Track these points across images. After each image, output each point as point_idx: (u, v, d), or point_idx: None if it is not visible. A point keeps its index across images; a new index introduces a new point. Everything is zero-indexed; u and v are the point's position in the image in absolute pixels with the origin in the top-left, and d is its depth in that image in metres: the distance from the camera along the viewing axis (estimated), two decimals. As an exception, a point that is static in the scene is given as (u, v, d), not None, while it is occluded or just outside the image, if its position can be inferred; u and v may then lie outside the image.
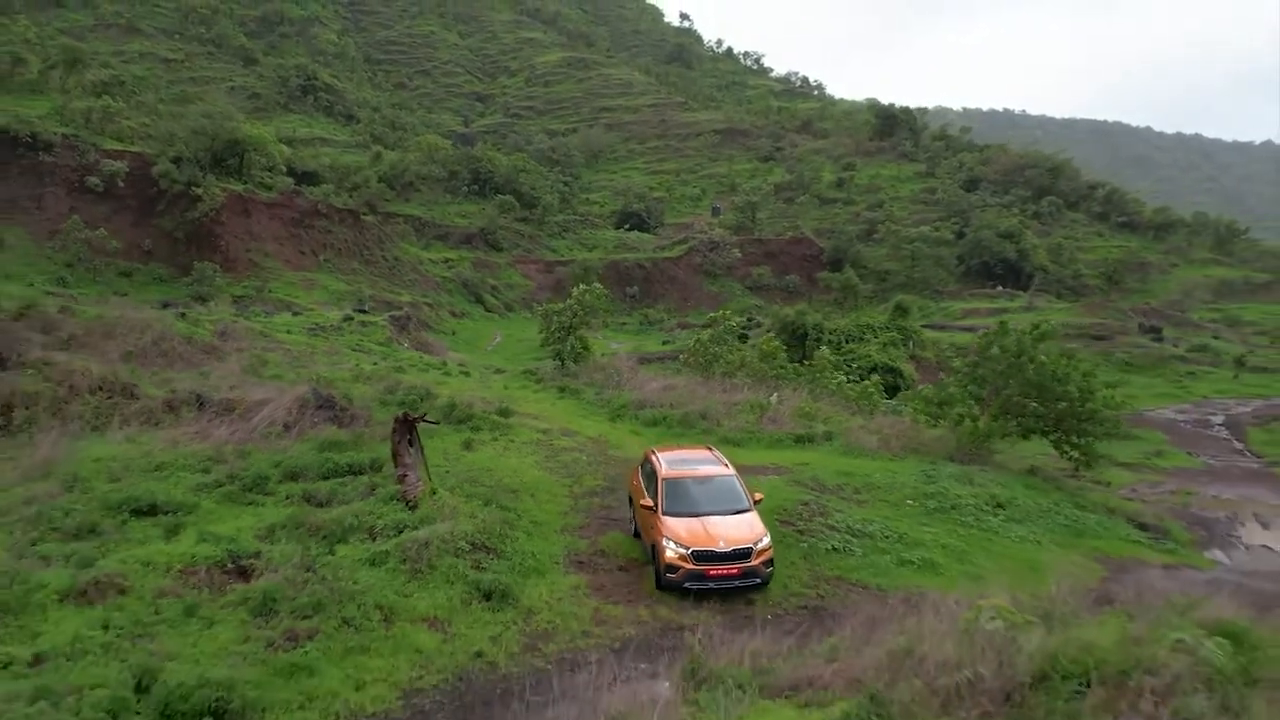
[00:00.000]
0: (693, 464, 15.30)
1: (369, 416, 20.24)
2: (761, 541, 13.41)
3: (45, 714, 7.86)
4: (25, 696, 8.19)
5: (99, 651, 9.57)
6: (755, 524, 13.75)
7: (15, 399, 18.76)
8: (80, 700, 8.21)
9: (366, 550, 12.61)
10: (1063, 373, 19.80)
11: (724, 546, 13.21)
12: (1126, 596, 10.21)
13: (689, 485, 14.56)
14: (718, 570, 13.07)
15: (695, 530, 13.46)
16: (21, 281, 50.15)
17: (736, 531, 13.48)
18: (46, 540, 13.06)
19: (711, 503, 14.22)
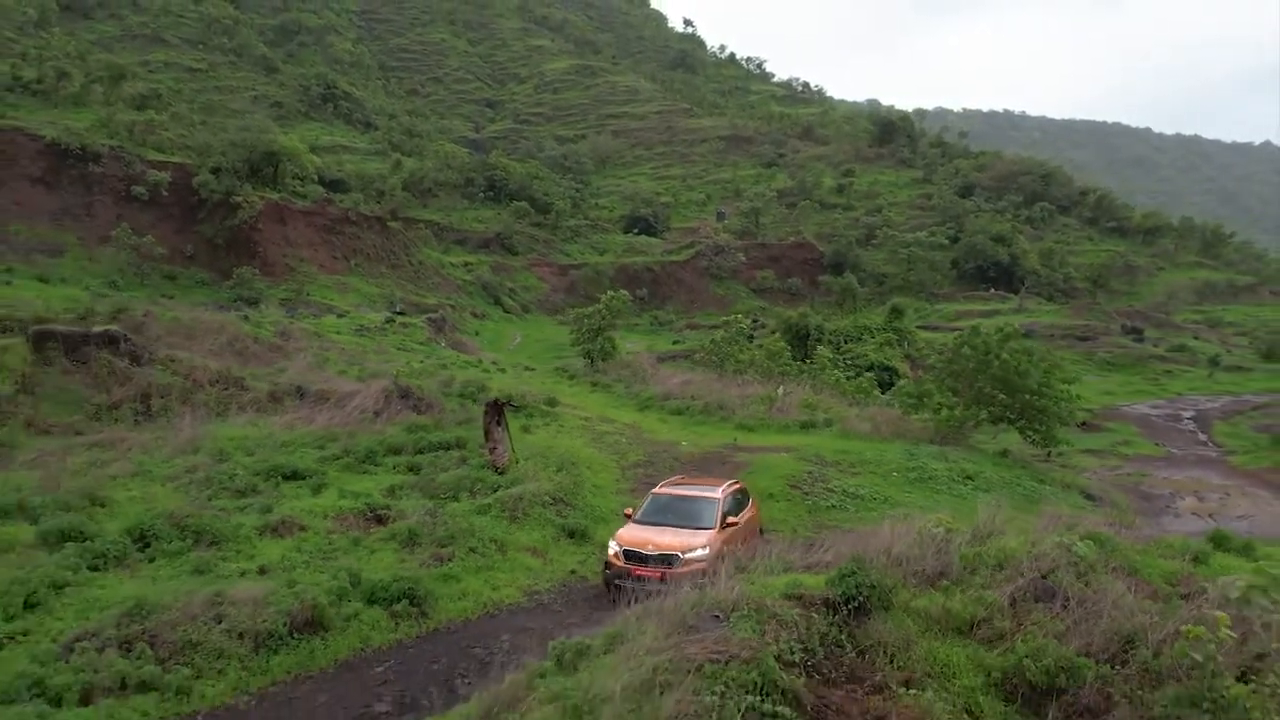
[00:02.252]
0: (688, 488, 15.95)
1: (441, 405, 24.03)
2: (693, 553, 13.77)
3: (301, 594, 11.64)
4: (278, 588, 11.97)
5: (304, 565, 13.35)
6: (700, 539, 14.11)
7: (152, 390, 22.55)
8: (315, 590, 11.98)
9: (473, 504, 16.40)
10: (1024, 369, 23.59)
11: (651, 551, 13.83)
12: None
13: (667, 500, 15.30)
14: (642, 571, 13.60)
15: (641, 536, 14.19)
16: (78, 285, 53.94)
17: (673, 541, 14.00)
18: (219, 497, 16.87)
19: (679, 518, 14.78)
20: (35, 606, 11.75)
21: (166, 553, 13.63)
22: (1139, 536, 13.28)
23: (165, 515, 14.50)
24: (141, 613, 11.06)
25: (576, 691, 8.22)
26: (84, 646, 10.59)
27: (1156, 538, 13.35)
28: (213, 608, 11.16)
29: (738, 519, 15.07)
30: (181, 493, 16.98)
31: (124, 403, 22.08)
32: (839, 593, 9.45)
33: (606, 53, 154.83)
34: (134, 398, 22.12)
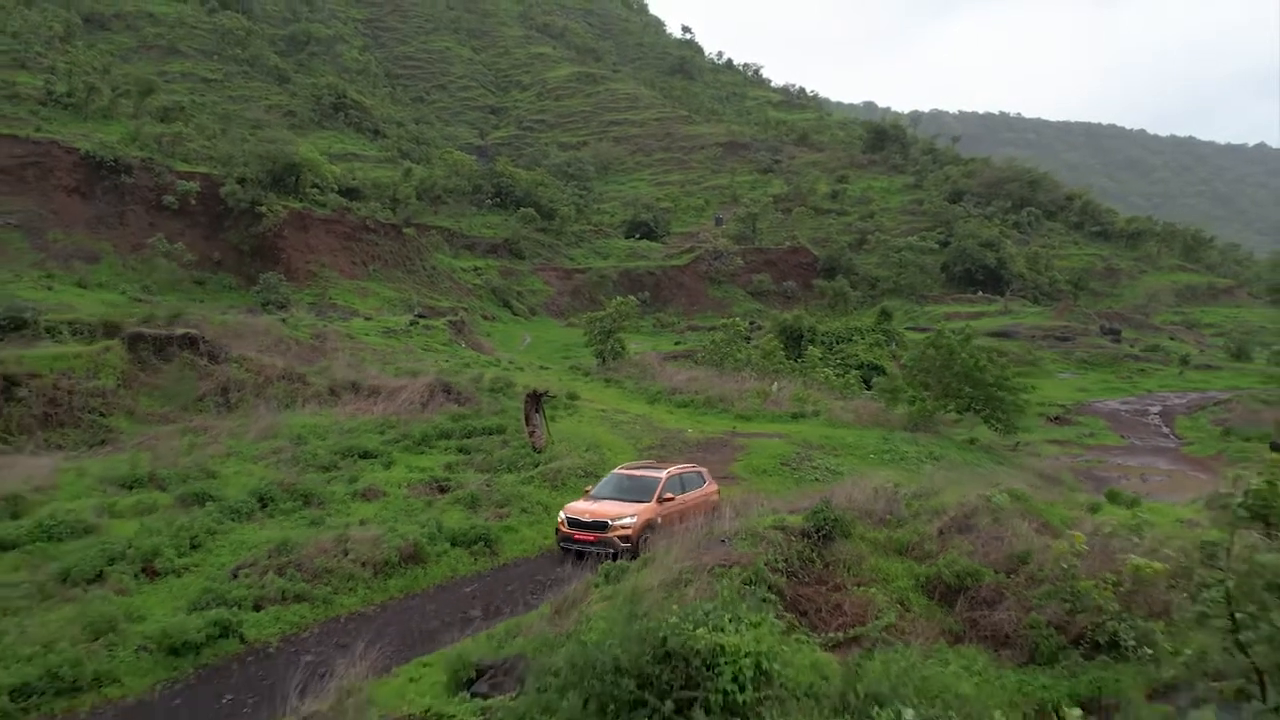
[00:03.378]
0: (643, 469, 18.28)
1: (477, 398, 27.54)
2: (622, 521, 15.94)
3: (404, 536, 15.13)
4: (385, 533, 15.47)
5: (394, 519, 16.86)
6: (632, 510, 16.22)
7: (230, 384, 26.04)
8: (413, 533, 15.48)
9: (520, 476, 19.93)
10: (982, 365, 27.15)
11: (587, 518, 16.11)
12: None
13: (620, 479, 17.64)
14: (580, 535, 15.97)
15: (584, 507, 16.49)
16: (114, 290, 57.42)
17: (608, 510, 16.22)
18: (308, 471, 20.35)
19: (625, 493, 16.99)
20: (198, 547, 15.28)
21: (284, 510, 17.16)
22: (1053, 495, 16.82)
23: (277, 482, 18.02)
24: (286, 548, 14.59)
25: (624, 590, 11.71)
26: (246, 572, 14.13)
27: (1067, 496, 16.89)
28: (339, 545, 14.69)
29: (676, 496, 17.18)
30: (274, 468, 20.45)
31: (206, 395, 25.55)
32: (811, 524, 12.99)
33: (607, 60, 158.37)
34: (215, 391, 25.60)
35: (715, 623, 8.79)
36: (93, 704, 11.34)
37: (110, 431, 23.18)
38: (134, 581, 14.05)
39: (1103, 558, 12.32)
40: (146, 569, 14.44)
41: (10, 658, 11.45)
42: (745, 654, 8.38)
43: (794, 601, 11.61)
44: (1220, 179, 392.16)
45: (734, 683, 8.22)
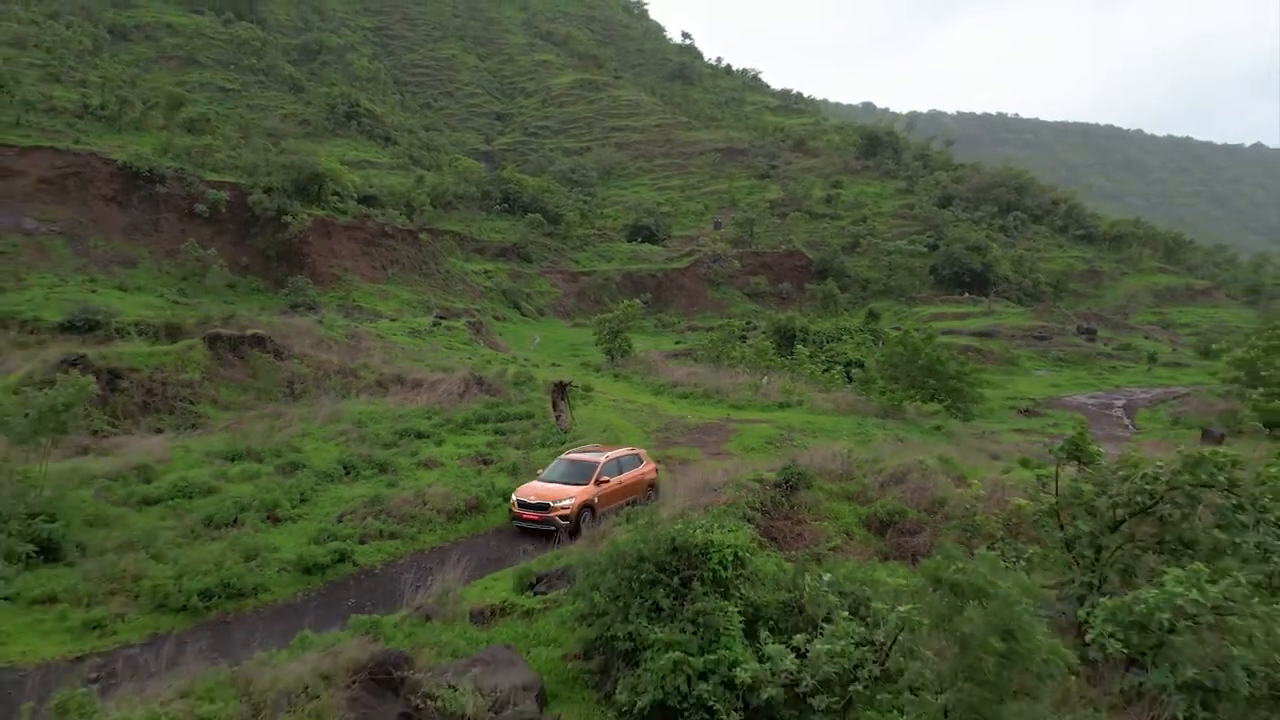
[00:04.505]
0: (584, 453, 20.56)
1: (505, 390, 31.78)
2: (561, 502, 18.33)
3: (468, 491, 19.35)
4: (452, 490, 19.70)
5: (453, 482, 21.07)
6: (571, 492, 18.62)
7: (294, 378, 30.26)
8: (475, 490, 19.70)
9: (549, 452, 24.14)
10: (943, 360, 31.41)
11: (532, 500, 18.55)
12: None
13: (564, 464, 19.92)
14: (527, 514, 18.47)
15: (531, 489, 18.93)
16: (152, 293, 61.61)
17: (551, 493, 18.63)
18: (374, 448, 24.57)
19: (569, 476, 19.33)
20: (306, 501, 19.55)
21: (364, 476, 21.43)
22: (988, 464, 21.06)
23: (357, 455, 22.26)
24: (377, 501, 18.86)
25: (643, 520, 15.94)
26: (349, 518, 18.38)
27: (992, 464, 21.17)
28: (418, 498, 18.97)
29: (612, 479, 19.62)
30: (346, 446, 24.67)
31: (274, 387, 29.77)
32: (782, 478, 17.23)
33: (609, 66, 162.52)
34: (282, 384, 29.82)
35: (707, 528, 13.06)
36: (254, 605, 15.60)
37: (199, 417, 27.40)
38: (263, 524, 18.31)
39: (998, 500, 16.56)
40: (270, 516, 18.70)
41: (193, 573, 15.67)
42: (727, 546, 12.66)
43: (766, 530, 15.83)
44: (1217, 179, 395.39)
45: (720, 565, 12.49)
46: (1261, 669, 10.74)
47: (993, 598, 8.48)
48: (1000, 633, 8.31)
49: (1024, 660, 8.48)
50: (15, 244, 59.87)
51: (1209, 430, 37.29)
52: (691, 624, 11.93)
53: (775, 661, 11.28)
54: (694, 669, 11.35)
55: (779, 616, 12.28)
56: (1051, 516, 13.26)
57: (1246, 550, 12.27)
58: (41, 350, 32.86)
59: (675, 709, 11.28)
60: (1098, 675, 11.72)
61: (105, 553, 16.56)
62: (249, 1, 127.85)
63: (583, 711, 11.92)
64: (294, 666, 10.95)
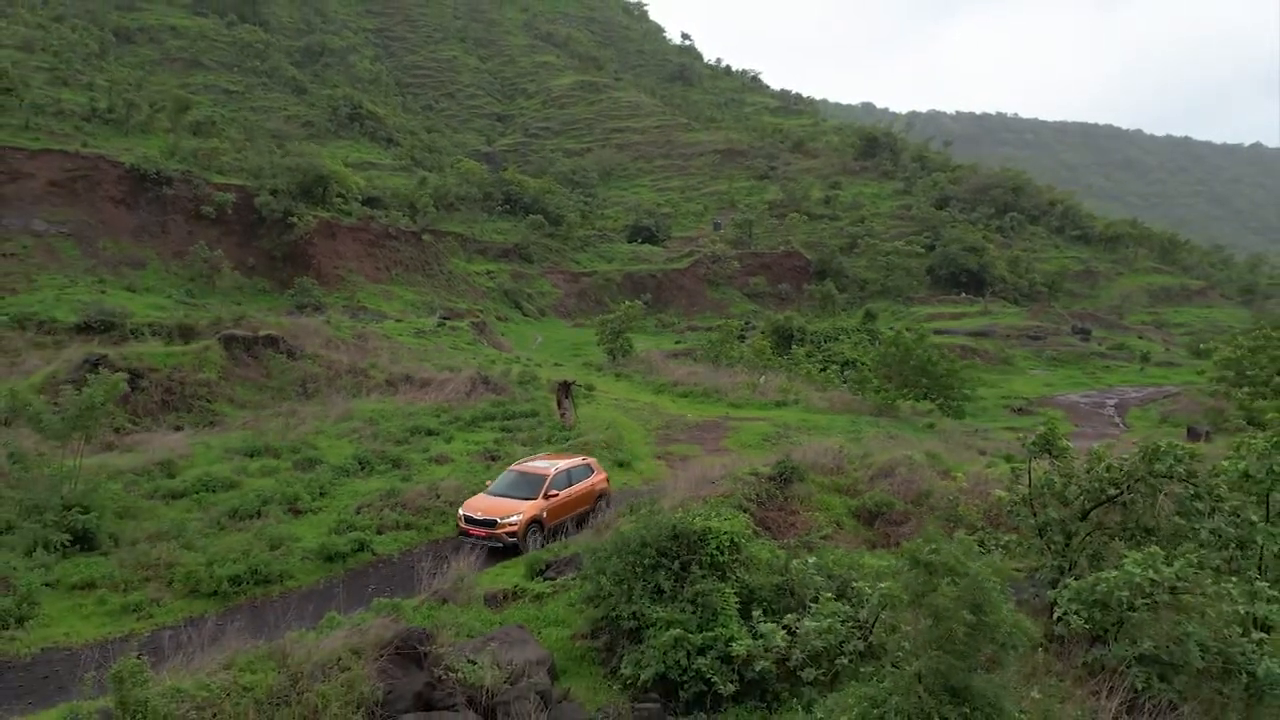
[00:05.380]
0: (533, 464, 19.93)
1: (510, 388, 32.79)
2: (509, 518, 17.85)
3: (478, 485, 20.34)
4: (463, 484, 20.70)
5: (464, 477, 22.08)
6: (520, 507, 18.13)
7: (307, 377, 31.28)
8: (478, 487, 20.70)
9: (555, 448, 25.14)
10: (934, 360, 32.43)
11: (479, 516, 18.06)
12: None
13: (513, 476, 19.37)
14: (473, 530, 17.99)
15: (478, 504, 18.42)
16: (160, 294, 62.62)
17: (498, 508, 18.16)
18: (387, 445, 25.58)
19: (516, 489, 18.81)
20: (325, 494, 20.57)
21: (379, 471, 22.45)
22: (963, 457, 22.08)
23: (371, 451, 23.28)
24: (392, 494, 19.88)
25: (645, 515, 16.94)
26: (366, 510, 19.41)
27: (978, 459, 22.19)
28: (432, 491, 19.99)
29: (561, 491, 19.12)
30: (360, 442, 25.67)
31: (288, 386, 30.78)
32: (776, 471, 18.23)
33: (609, 68, 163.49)
34: (295, 383, 30.83)
35: (705, 517, 14.08)
36: (281, 591, 16.61)
37: (217, 415, 28.42)
38: (285, 516, 19.33)
39: (980, 493, 17.57)
40: (291, 509, 19.72)
41: (223, 560, 16.68)
42: (724, 533, 13.68)
43: (761, 520, 16.84)
44: (1216, 179, 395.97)
45: (717, 550, 13.51)
46: (1213, 644, 11.75)
47: (964, 575, 9.48)
48: (970, 606, 9.31)
49: (990, 631, 9.48)
50: (26, 245, 60.87)
51: (1194, 428, 38.33)
52: (691, 604, 12.94)
53: (768, 638, 12.29)
54: (693, 645, 12.37)
55: (771, 598, 13.28)
56: (1025, 506, 14.26)
57: (1204, 536, 13.28)
58: (59, 351, 33.90)
59: (676, 681, 12.31)
60: (1065, 651, 12.71)
61: (137, 542, 17.58)
62: (252, 4, 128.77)
63: (590, 684, 12.93)
64: (327, 642, 11.96)
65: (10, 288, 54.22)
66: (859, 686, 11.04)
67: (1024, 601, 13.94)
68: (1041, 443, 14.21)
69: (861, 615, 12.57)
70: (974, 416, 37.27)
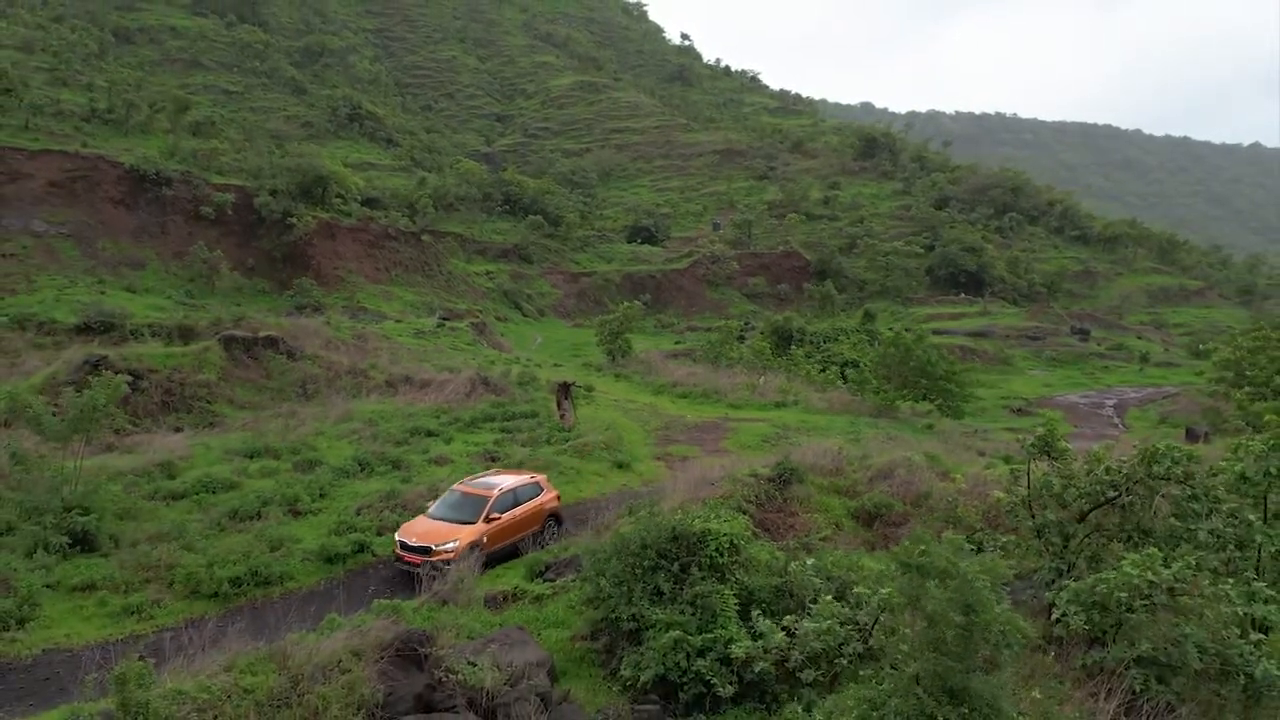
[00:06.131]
0: (476, 484, 18.74)
1: (510, 389, 32.81)
2: (445, 545, 16.63)
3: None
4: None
5: (463, 476, 22.08)
6: (458, 533, 16.98)
7: (306, 378, 31.30)
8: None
9: (555, 448, 25.19)
10: (934, 361, 32.49)
11: (414, 542, 16.90)
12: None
13: (455, 497, 18.20)
14: (409, 558, 16.79)
15: (417, 528, 17.32)
16: (160, 295, 62.65)
17: (435, 533, 16.97)
18: (386, 446, 25.60)
19: (457, 512, 17.72)
20: (323, 495, 20.59)
21: (379, 472, 22.47)
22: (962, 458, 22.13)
23: (371, 452, 23.31)
24: (392, 495, 19.91)
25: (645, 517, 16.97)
26: (366, 511, 19.43)
27: (976, 460, 22.23)
28: (431, 492, 19.97)
29: (504, 514, 17.91)
30: (359, 444, 25.69)
31: (288, 387, 30.81)
32: (775, 473, 18.26)
33: (608, 68, 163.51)
34: (295, 384, 30.85)
35: (705, 518, 14.11)
36: (281, 592, 16.63)
37: (217, 416, 28.44)
38: (285, 517, 19.35)
39: (979, 494, 17.60)
40: (291, 510, 19.74)
41: (223, 562, 16.71)
42: (724, 535, 13.71)
43: (760, 521, 16.87)
44: (1216, 179, 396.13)
45: (717, 552, 13.55)
46: (1211, 645, 11.78)
47: (955, 576, 9.51)
48: (961, 607, 9.34)
49: (983, 630, 9.51)
50: (25, 246, 60.90)
51: (1192, 429, 38.40)
52: (690, 606, 12.98)
53: (767, 639, 12.33)
54: (692, 646, 12.41)
55: (770, 599, 13.32)
56: (1024, 507, 14.30)
57: (1202, 537, 13.31)
58: (59, 351, 33.92)
59: (675, 683, 12.34)
60: (1063, 652, 12.74)
61: (138, 543, 17.60)
62: (251, 4, 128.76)
63: (590, 686, 12.97)
64: (327, 644, 11.98)
65: (10, 288, 54.28)
66: (858, 688, 11.06)
67: (1022, 603, 13.96)
68: (1040, 444, 14.25)
69: (860, 617, 12.60)
70: (973, 417, 37.30)
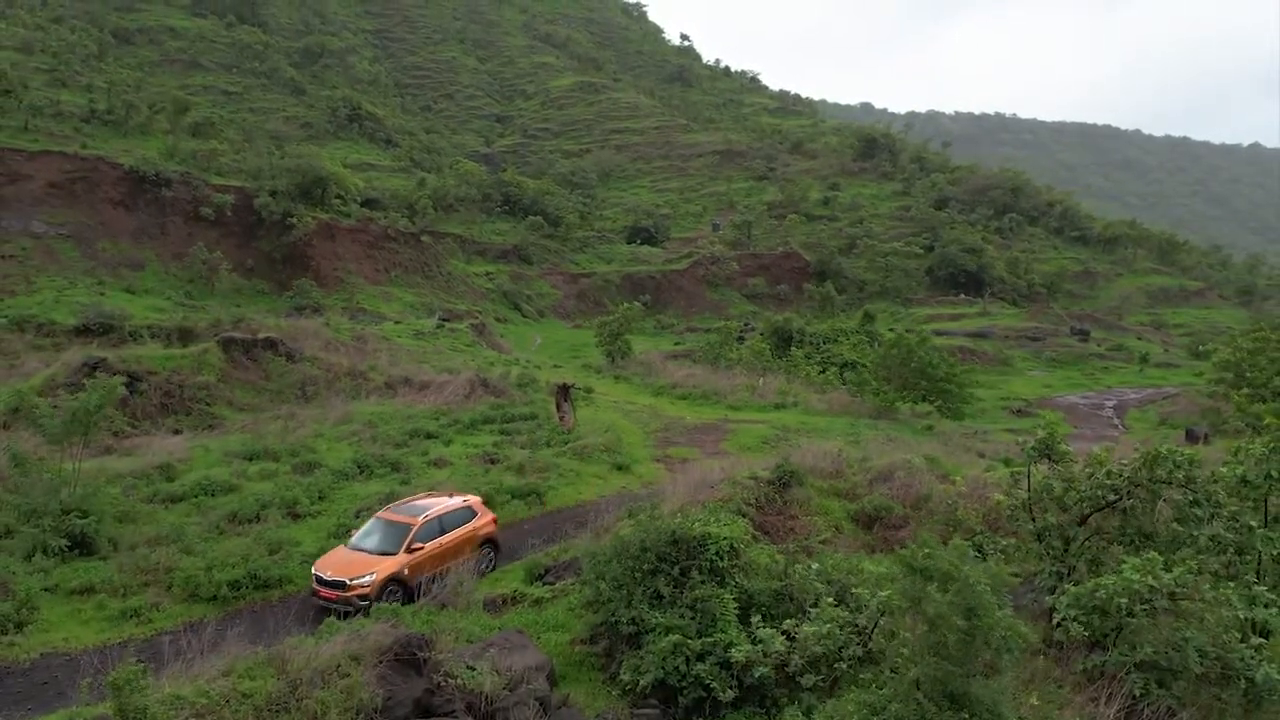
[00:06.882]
0: (401, 511, 17.49)
1: (509, 391, 32.78)
2: (361, 579, 15.49)
3: (477, 489, 20.34)
4: (459, 487, 20.70)
5: (462, 480, 22.08)
6: (375, 565, 15.84)
7: (306, 380, 31.26)
8: (481, 488, 20.70)
9: (554, 451, 25.16)
10: (935, 362, 32.47)
11: (329, 576, 15.73)
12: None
13: (378, 525, 17.12)
14: (324, 592, 15.68)
15: (333, 561, 16.19)
16: (160, 296, 62.60)
17: (351, 566, 15.85)
18: (385, 448, 25.56)
19: (378, 543, 16.54)
20: (322, 498, 20.57)
21: (378, 475, 22.44)
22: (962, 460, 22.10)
23: (370, 454, 23.28)
24: (391, 498, 19.83)
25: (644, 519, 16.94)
26: (365, 512, 19.35)
27: (976, 462, 22.20)
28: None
29: (427, 544, 16.63)
30: (358, 446, 25.66)
31: (287, 389, 30.77)
32: (775, 475, 18.23)
33: (608, 69, 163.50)
34: (294, 385, 30.81)
35: (704, 521, 14.08)
36: (280, 595, 16.60)
37: (216, 418, 28.40)
38: (284, 520, 19.32)
39: (979, 496, 17.58)
40: (290, 513, 19.71)
41: (222, 565, 16.67)
42: (723, 538, 13.68)
43: (760, 524, 16.84)
44: (1215, 179, 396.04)
45: (716, 555, 13.52)
46: (1212, 649, 11.75)
47: (957, 581, 9.49)
48: (963, 611, 9.32)
49: (985, 635, 9.49)
50: (25, 247, 60.85)
51: (1192, 430, 38.36)
52: (690, 609, 12.95)
53: (767, 643, 12.30)
54: (692, 651, 12.37)
55: (770, 603, 13.28)
56: (1024, 511, 14.28)
57: (1203, 542, 13.29)
58: (58, 353, 33.90)
59: (675, 687, 12.31)
60: (1064, 657, 12.72)
61: (136, 547, 17.57)
62: (251, 5, 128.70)
63: (590, 690, 12.94)
64: (326, 648, 11.95)
65: (9, 290, 54.24)
66: (858, 693, 11.04)
67: (1022, 607, 13.94)
68: (1040, 447, 14.22)
69: (861, 621, 12.57)
70: (973, 418, 37.28)
